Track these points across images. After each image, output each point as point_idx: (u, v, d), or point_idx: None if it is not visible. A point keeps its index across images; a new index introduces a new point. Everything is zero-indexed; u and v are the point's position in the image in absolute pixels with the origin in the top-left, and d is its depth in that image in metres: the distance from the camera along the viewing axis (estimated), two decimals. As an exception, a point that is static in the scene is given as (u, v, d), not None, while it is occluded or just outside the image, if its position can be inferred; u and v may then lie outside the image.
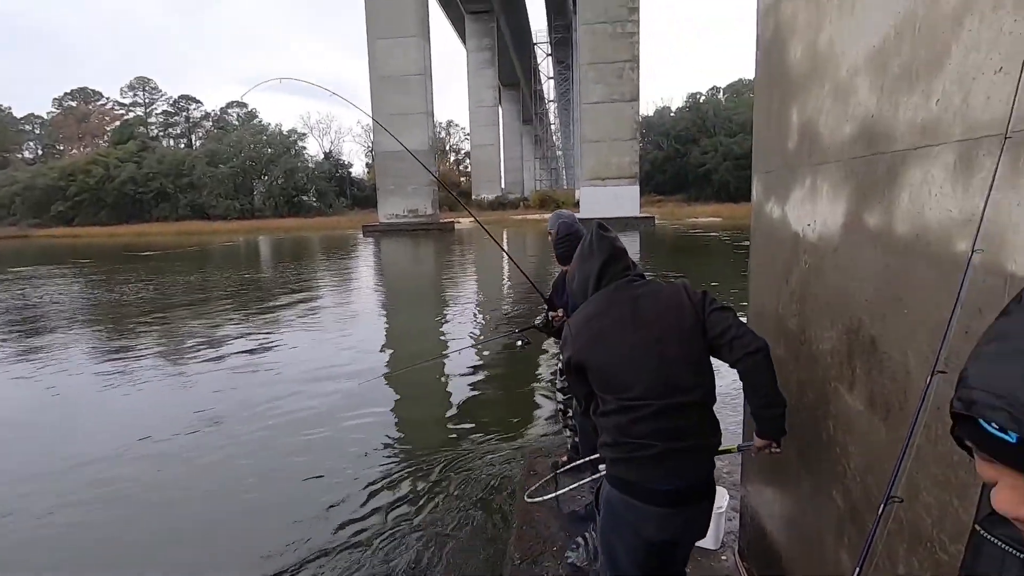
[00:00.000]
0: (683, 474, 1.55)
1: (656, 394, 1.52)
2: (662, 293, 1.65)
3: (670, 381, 1.54)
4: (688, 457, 1.55)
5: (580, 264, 1.75)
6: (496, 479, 3.66)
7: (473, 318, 9.58)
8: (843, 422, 1.52)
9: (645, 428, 1.52)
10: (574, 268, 1.78)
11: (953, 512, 1.09)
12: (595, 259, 1.70)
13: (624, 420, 1.55)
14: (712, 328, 1.57)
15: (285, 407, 5.10)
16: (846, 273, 1.50)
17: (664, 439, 1.51)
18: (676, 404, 1.53)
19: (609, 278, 1.68)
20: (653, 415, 1.52)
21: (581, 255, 1.76)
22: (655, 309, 1.61)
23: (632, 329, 1.59)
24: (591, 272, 1.70)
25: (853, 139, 1.45)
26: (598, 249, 1.71)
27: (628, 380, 1.55)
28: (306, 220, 44.66)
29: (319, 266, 18.12)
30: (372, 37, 32.24)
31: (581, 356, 1.62)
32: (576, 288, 1.76)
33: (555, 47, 62.98)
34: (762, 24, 2.11)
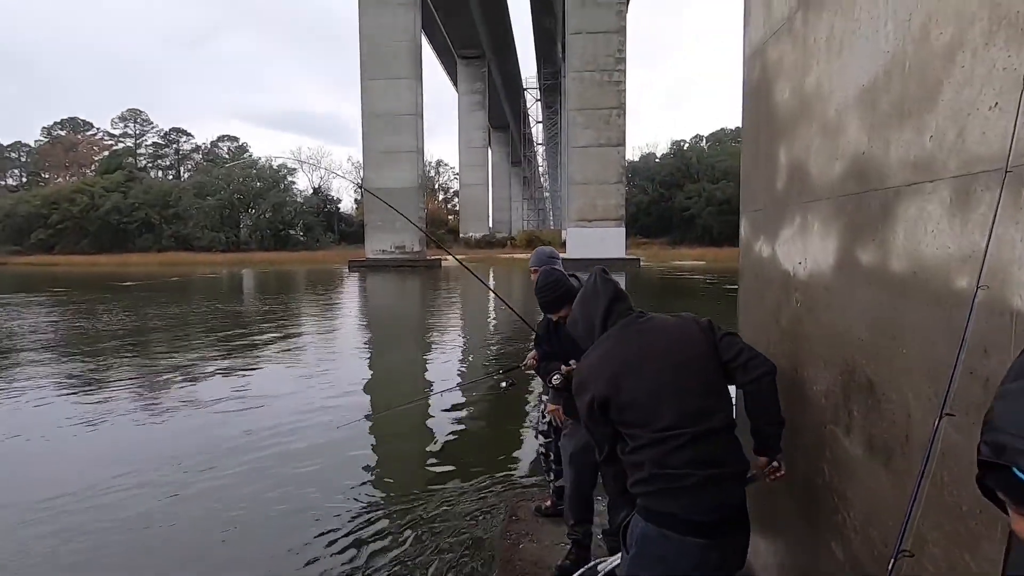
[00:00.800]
0: (722, 503, 1.50)
1: (688, 422, 1.50)
2: (671, 324, 1.66)
3: (695, 410, 1.52)
4: (725, 485, 1.51)
5: (584, 307, 1.73)
6: (478, 523, 3.49)
7: (458, 357, 9.44)
8: (841, 468, 1.45)
9: (682, 457, 1.48)
10: (576, 312, 1.76)
11: (964, 567, 1.02)
12: (601, 300, 1.69)
13: (659, 452, 1.50)
14: (726, 352, 1.58)
15: (261, 447, 4.88)
16: (839, 312, 1.46)
17: (702, 467, 1.47)
18: (706, 431, 1.50)
19: (616, 317, 1.67)
20: (688, 443, 1.48)
21: (584, 298, 1.74)
22: (668, 339, 1.61)
23: (651, 360, 1.57)
24: (597, 313, 1.69)
25: (844, 176, 1.44)
26: (603, 290, 1.71)
27: (657, 411, 1.52)
28: (292, 254, 44.44)
29: (303, 300, 17.90)
30: (365, 77, 32.94)
31: (605, 393, 1.56)
32: (581, 330, 1.74)
33: (544, 92, 64.84)
34: (748, 68, 2.15)
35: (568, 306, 2.37)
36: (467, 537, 3.34)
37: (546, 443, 3.14)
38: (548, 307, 2.41)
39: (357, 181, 59.31)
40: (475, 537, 3.34)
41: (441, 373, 8.12)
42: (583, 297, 1.75)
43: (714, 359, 1.58)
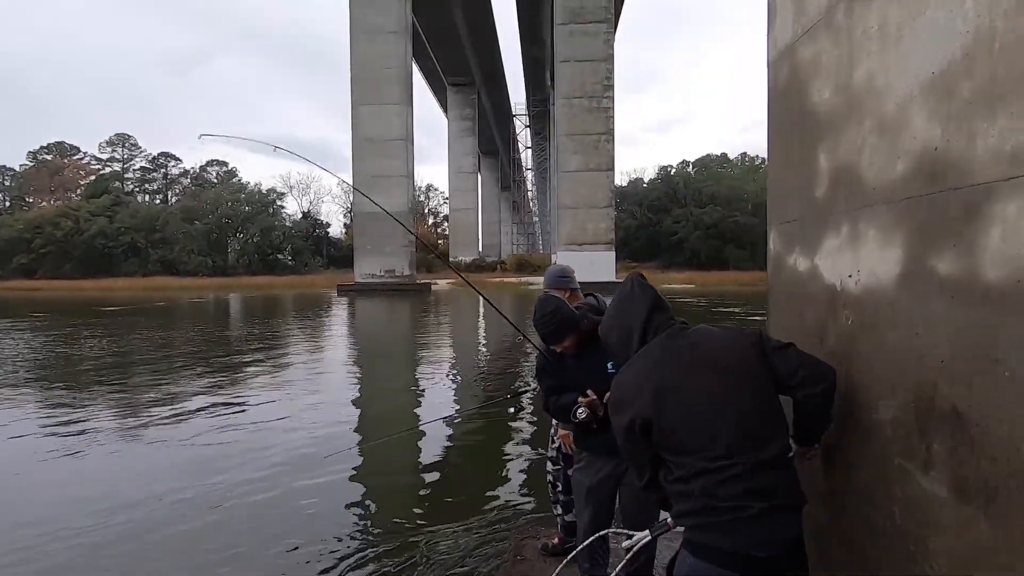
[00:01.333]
0: (780, 537, 1.35)
1: (744, 450, 1.35)
2: (720, 336, 1.50)
3: (751, 435, 1.37)
4: (782, 517, 1.36)
5: (620, 316, 1.58)
6: (478, 564, 3.23)
7: (451, 383, 9.17)
8: (918, 511, 1.26)
9: (737, 488, 1.32)
10: (611, 320, 1.61)
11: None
12: (639, 308, 1.54)
13: (710, 482, 1.34)
14: (781, 366, 1.44)
15: (247, 481, 4.58)
16: (909, 330, 1.29)
17: (758, 498, 1.32)
18: (762, 461, 1.35)
19: (656, 328, 1.51)
20: (744, 473, 1.33)
21: (620, 306, 1.59)
22: (718, 355, 1.45)
23: (700, 379, 1.41)
24: (635, 323, 1.53)
25: (909, 177, 1.28)
26: (642, 298, 1.56)
27: (708, 437, 1.36)
28: (279, 278, 43.99)
29: (291, 325, 17.54)
30: (356, 103, 33.13)
31: (647, 415, 1.39)
32: (615, 341, 1.59)
33: (533, 119, 65.76)
34: (775, 71, 2.01)
35: (572, 335, 2.17)
36: None
37: (555, 471, 2.92)
38: (550, 339, 2.20)
39: (348, 205, 59.35)
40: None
41: (435, 400, 7.85)
42: (619, 304, 1.59)
43: (767, 376, 1.42)
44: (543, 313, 2.15)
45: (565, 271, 2.98)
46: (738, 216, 47.50)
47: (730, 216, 47.61)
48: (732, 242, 46.30)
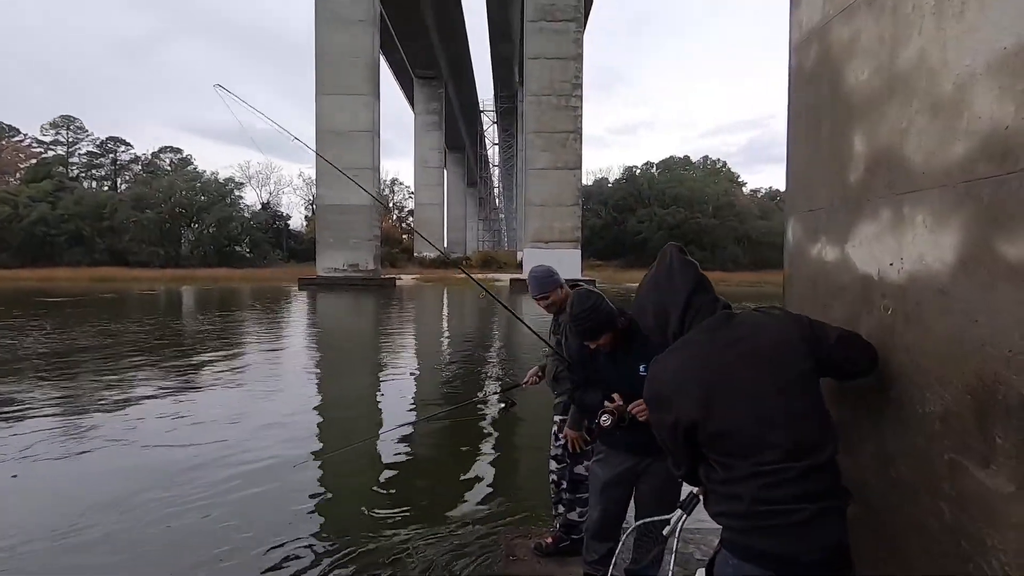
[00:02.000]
0: (830, 540, 1.29)
1: (799, 456, 1.27)
2: (771, 328, 1.40)
3: (806, 439, 1.29)
4: (832, 519, 1.30)
5: (657, 293, 1.45)
6: (469, 566, 3.10)
7: (421, 380, 8.97)
8: (974, 507, 1.20)
9: (790, 492, 1.26)
10: (647, 299, 1.47)
11: None
12: (679, 288, 1.41)
13: (761, 486, 1.26)
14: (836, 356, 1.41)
15: (199, 484, 4.30)
16: (965, 318, 1.23)
17: (812, 501, 1.26)
18: (814, 465, 1.28)
19: (696, 312, 1.39)
20: (797, 478, 1.26)
21: (658, 284, 1.45)
22: (770, 350, 1.35)
23: (752, 377, 1.31)
24: (674, 304, 1.41)
25: (970, 158, 1.22)
26: (682, 276, 1.42)
27: (761, 442, 1.27)
28: (237, 271, 42.45)
29: (249, 319, 16.89)
30: (320, 92, 32.24)
31: (692, 417, 1.29)
32: (651, 322, 1.47)
33: (501, 115, 65.62)
34: (800, 53, 1.95)
35: (609, 333, 2.08)
36: None
37: (559, 469, 2.81)
38: (588, 335, 2.09)
39: (309, 197, 57.86)
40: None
41: (404, 399, 7.65)
42: (655, 282, 1.46)
43: (816, 374, 1.35)
44: (583, 308, 2.06)
45: (551, 270, 2.83)
46: (699, 218, 48.64)
47: (692, 218, 48.71)
48: (693, 243, 47.31)
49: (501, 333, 14.62)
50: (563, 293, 2.80)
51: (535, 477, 3.35)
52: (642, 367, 2.08)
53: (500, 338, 13.81)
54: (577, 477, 2.77)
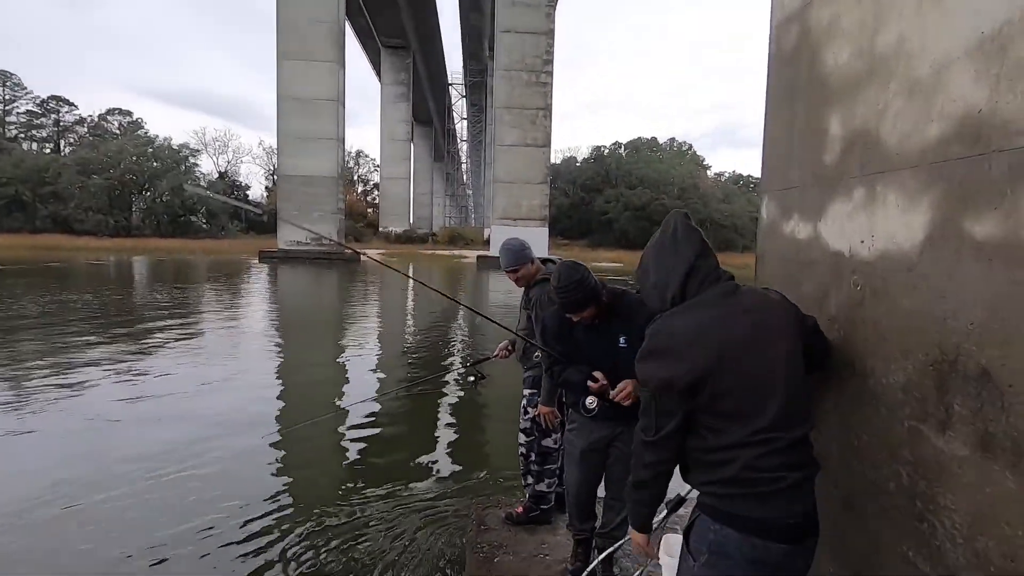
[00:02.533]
0: (807, 505, 1.36)
1: (784, 426, 1.32)
2: (777, 305, 1.44)
3: (794, 410, 1.35)
4: (808, 486, 1.38)
5: (660, 257, 1.44)
6: (441, 535, 3.14)
7: (387, 355, 8.91)
8: (931, 470, 1.29)
9: (777, 461, 1.31)
10: (649, 263, 1.47)
11: None
12: (683, 253, 1.41)
13: (753, 454, 1.30)
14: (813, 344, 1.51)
15: (157, 462, 4.20)
16: (930, 294, 1.30)
17: (795, 470, 1.33)
18: (800, 437, 1.35)
19: (700, 280, 1.40)
20: (785, 448, 1.32)
21: (661, 247, 1.45)
22: (777, 325, 1.39)
23: (761, 345, 1.34)
24: (676, 269, 1.41)
25: (944, 140, 1.27)
26: (685, 241, 1.42)
27: (760, 408, 1.31)
28: (193, 242, 40.88)
29: (206, 292, 16.36)
30: (282, 56, 30.93)
31: (702, 371, 1.30)
32: (651, 287, 1.46)
33: (469, 89, 64.50)
34: (780, 34, 1.98)
35: (594, 306, 2.11)
36: (431, 552, 2.99)
37: (528, 442, 2.85)
38: (572, 307, 2.11)
39: (270, 167, 55.95)
40: (440, 551, 2.99)
41: (370, 374, 7.59)
42: (659, 245, 1.45)
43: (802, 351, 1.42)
44: (570, 281, 2.07)
45: (523, 244, 2.83)
46: (665, 199, 49.22)
47: (657, 199, 49.25)
48: (658, 224, 47.66)
49: (466, 313, 14.60)
50: (533, 268, 2.81)
51: (505, 448, 3.41)
52: (622, 339, 2.15)
53: (467, 313, 13.81)
54: (545, 449, 2.82)
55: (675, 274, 1.40)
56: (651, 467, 1.41)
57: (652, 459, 1.40)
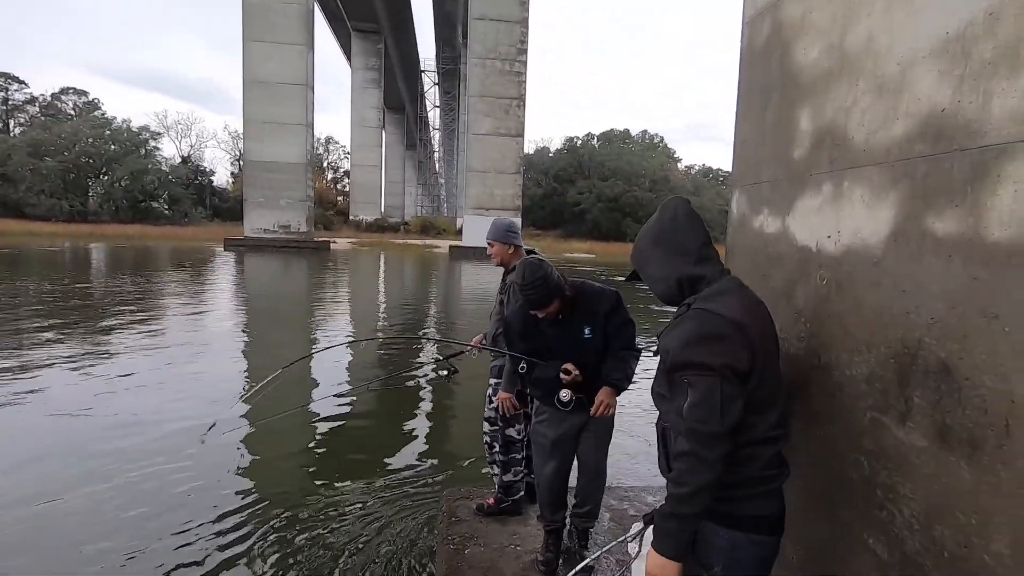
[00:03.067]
0: (784, 499, 1.39)
1: (784, 423, 1.36)
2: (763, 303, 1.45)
3: (788, 407, 1.42)
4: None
5: (663, 244, 1.37)
6: (412, 528, 3.12)
7: (358, 346, 8.78)
8: (890, 460, 1.32)
9: (780, 456, 1.35)
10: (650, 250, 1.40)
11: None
12: (691, 242, 1.36)
13: (771, 452, 1.32)
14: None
15: (122, 458, 4.06)
16: (893, 288, 1.33)
17: (785, 464, 1.38)
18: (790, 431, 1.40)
19: (712, 268, 1.36)
20: (782, 445, 1.35)
21: (661, 233, 1.39)
22: (770, 317, 1.40)
23: (774, 338, 1.37)
24: (687, 257, 1.35)
25: (908, 138, 1.29)
26: (690, 229, 1.37)
27: (772, 400, 1.32)
28: (155, 228, 39.50)
29: (168, 281, 15.84)
30: (248, 38, 29.96)
31: (753, 359, 1.25)
32: (659, 278, 1.39)
33: (442, 77, 63.71)
34: (752, 29, 1.99)
35: (558, 301, 2.15)
36: (402, 544, 2.97)
37: (492, 432, 2.84)
38: (536, 304, 2.13)
39: (236, 152, 54.35)
40: (411, 543, 2.98)
41: (339, 365, 7.48)
42: (659, 231, 1.39)
43: None
44: (534, 278, 2.08)
45: (513, 226, 2.89)
46: (637, 191, 49.67)
47: (629, 191, 49.65)
48: (630, 216, 48.43)
49: (440, 300, 14.51)
50: (510, 252, 2.82)
51: (475, 440, 3.40)
52: (586, 330, 2.20)
53: (439, 304, 13.71)
54: (510, 439, 2.82)
55: (685, 262, 1.35)
56: (716, 465, 1.21)
57: (721, 452, 1.21)
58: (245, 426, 4.71)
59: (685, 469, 1.21)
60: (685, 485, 1.21)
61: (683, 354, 1.25)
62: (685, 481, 1.21)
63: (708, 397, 1.21)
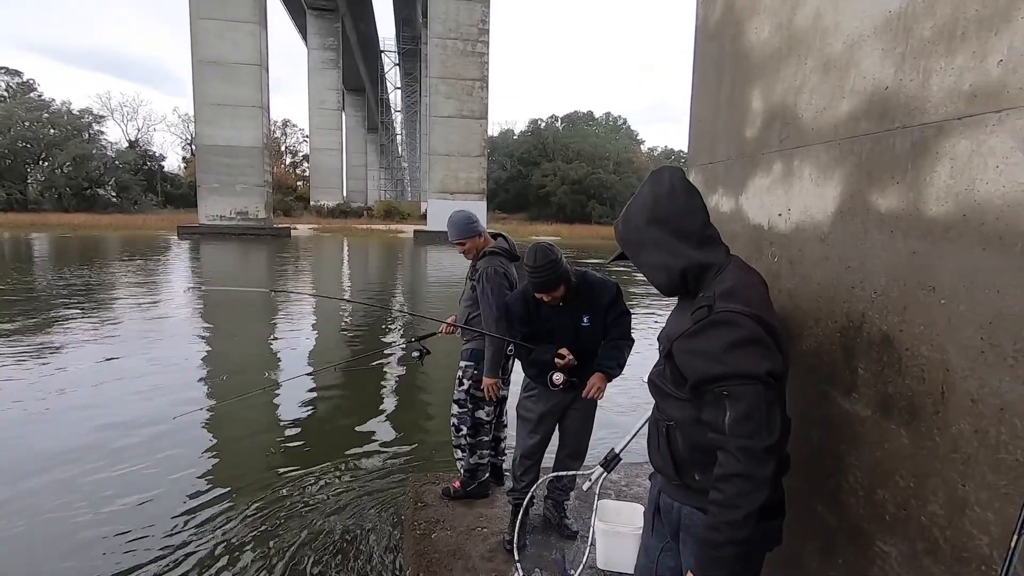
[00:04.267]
0: None
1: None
2: None
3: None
4: None
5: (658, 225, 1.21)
6: (379, 512, 3.11)
7: (322, 333, 8.63)
8: (837, 430, 1.37)
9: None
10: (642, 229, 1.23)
11: None
12: (695, 213, 1.22)
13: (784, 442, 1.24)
14: None
15: (81, 454, 3.91)
16: (840, 264, 1.37)
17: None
18: None
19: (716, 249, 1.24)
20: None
21: (656, 201, 1.22)
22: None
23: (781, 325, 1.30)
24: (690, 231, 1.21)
25: (854, 116, 1.32)
26: (690, 199, 1.22)
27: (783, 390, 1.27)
28: (101, 217, 37.67)
29: (119, 271, 15.17)
30: (197, 16, 28.59)
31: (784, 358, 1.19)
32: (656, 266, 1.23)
33: (403, 57, 62.27)
34: (705, 9, 2.00)
35: (564, 286, 2.20)
36: (369, 528, 2.95)
37: (461, 414, 2.83)
38: (543, 287, 2.18)
39: (188, 136, 52.14)
40: (378, 528, 2.97)
41: (299, 352, 7.34)
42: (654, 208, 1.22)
43: None
44: (545, 261, 2.14)
45: (472, 217, 2.85)
46: (601, 173, 49.99)
47: (594, 173, 49.92)
48: (595, 198, 48.79)
49: (405, 285, 14.35)
50: (481, 241, 2.81)
51: (443, 424, 3.39)
52: (585, 318, 2.29)
53: (404, 290, 13.57)
54: (479, 421, 2.83)
55: (687, 247, 1.21)
56: (769, 482, 1.11)
57: (774, 467, 1.10)
58: (204, 411, 4.59)
59: (737, 492, 1.09)
60: (739, 509, 1.08)
61: (722, 364, 1.11)
62: (738, 504, 1.09)
63: (755, 409, 1.10)
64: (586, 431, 2.49)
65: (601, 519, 2.30)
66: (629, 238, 1.27)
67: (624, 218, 1.29)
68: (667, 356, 1.25)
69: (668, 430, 1.26)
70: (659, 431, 1.29)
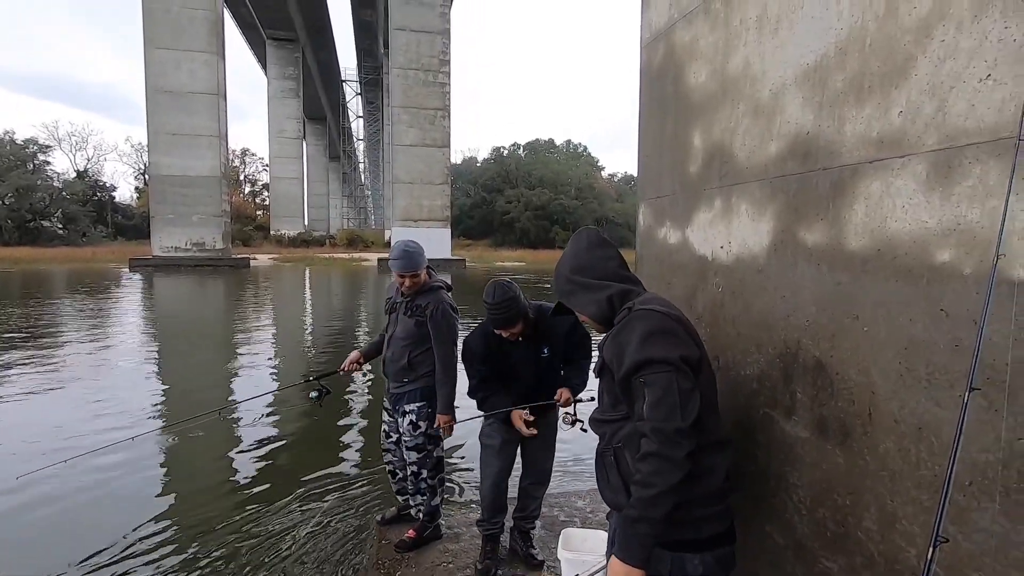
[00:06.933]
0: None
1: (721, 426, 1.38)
2: None
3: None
4: None
5: (582, 271, 1.40)
6: (342, 553, 3.02)
7: (271, 366, 8.42)
8: (780, 452, 1.44)
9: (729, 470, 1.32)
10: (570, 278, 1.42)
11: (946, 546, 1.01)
12: (609, 259, 1.42)
13: (727, 462, 1.30)
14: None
15: (28, 486, 3.68)
16: (777, 294, 1.45)
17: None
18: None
19: (633, 283, 1.40)
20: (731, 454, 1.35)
21: (577, 254, 1.43)
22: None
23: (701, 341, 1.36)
24: (607, 274, 1.39)
25: (781, 157, 1.43)
26: (604, 249, 1.43)
27: (716, 411, 1.34)
28: (47, 250, 36.03)
29: (64, 306, 14.47)
30: (151, 45, 28.16)
31: (699, 353, 1.26)
32: (588, 301, 1.38)
33: (364, 86, 62.57)
34: (649, 52, 2.12)
35: (522, 321, 2.25)
36: (332, 571, 2.87)
37: (421, 459, 2.71)
38: (503, 323, 2.23)
39: (140, 165, 50.74)
40: (340, 570, 2.88)
41: (248, 384, 7.13)
42: (576, 258, 1.42)
43: None
44: (504, 298, 2.19)
45: (421, 249, 2.68)
46: (563, 199, 50.92)
47: (556, 199, 50.81)
48: (558, 223, 49.54)
49: (369, 318, 14.17)
50: (424, 275, 2.68)
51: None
52: (545, 349, 2.36)
53: (368, 323, 13.38)
54: (439, 459, 2.77)
55: (609, 281, 1.38)
56: (683, 464, 1.16)
57: (686, 450, 1.16)
58: (152, 445, 4.39)
59: (652, 471, 1.15)
60: (653, 487, 1.15)
61: (638, 353, 1.20)
62: (652, 483, 1.15)
63: (667, 394, 1.17)
64: (548, 456, 2.54)
65: (565, 547, 2.31)
66: (562, 288, 1.44)
67: (556, 274, 1.47)
68: (600, 371, 1.37)
69: (616, 454, 1.31)
70: (605, 464, 1.33)
